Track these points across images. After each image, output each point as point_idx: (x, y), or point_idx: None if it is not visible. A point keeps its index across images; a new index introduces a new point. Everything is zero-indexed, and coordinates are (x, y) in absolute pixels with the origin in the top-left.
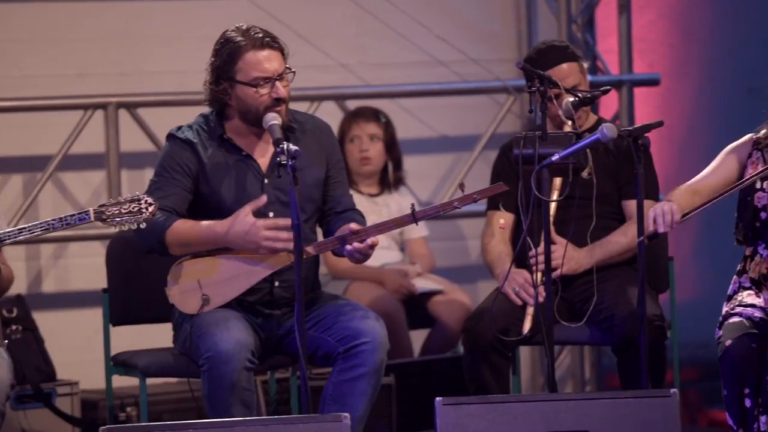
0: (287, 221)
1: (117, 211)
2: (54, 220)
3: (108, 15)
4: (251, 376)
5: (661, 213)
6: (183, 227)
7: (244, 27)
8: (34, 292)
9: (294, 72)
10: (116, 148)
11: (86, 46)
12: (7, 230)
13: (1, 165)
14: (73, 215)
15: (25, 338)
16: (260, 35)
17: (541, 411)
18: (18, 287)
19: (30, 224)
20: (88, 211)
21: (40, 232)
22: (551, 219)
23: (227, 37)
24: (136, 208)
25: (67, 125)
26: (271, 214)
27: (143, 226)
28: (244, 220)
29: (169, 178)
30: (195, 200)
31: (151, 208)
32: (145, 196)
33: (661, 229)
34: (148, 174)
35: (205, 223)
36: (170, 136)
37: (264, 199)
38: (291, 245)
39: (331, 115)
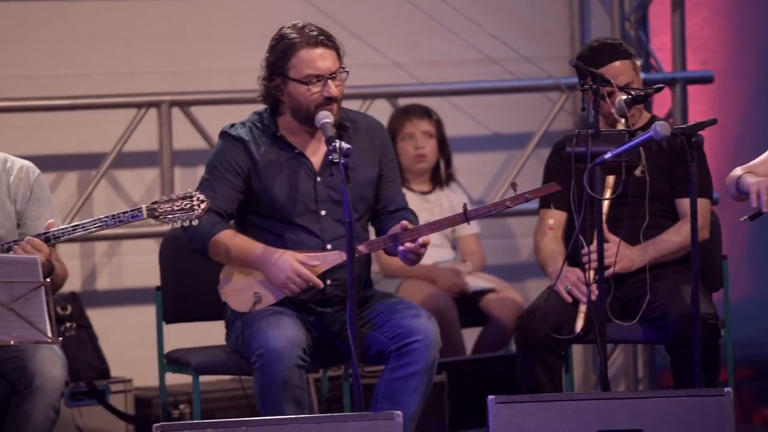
0: (319, 283)
1: (169, 208)
2: (107, 217)
3: (162, 13)
4: (303, 374)
5: (765, 190)
6: (226, 241)
7: (300, 24)
8: (88, 290)
9: (347, 72)
10: (169, 146)
11: (140, 45)
12: (61, 227)
13: (56, 162)
14: (126, 212)
15: (79, 335)
16: (315, 33)
17: (594, 409)
18: (72, 284)
19: (84, 221)
20: (141, 208)
21: (94, 229)
22: (604, 217)
23: (282, 33)
24: (188, 205)
25: (121, 123)
26: (323, 212)
27: (195, 223)
28: (289, 261)
29: (220, 177)
30: (247, 198)
31: (203, 205)
32: (197, 193)
33: (765, 208)
34: (201, 172)
35: (249, 245)
36: (223, 134)
37: (316, 262)
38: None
39: (383, 113)
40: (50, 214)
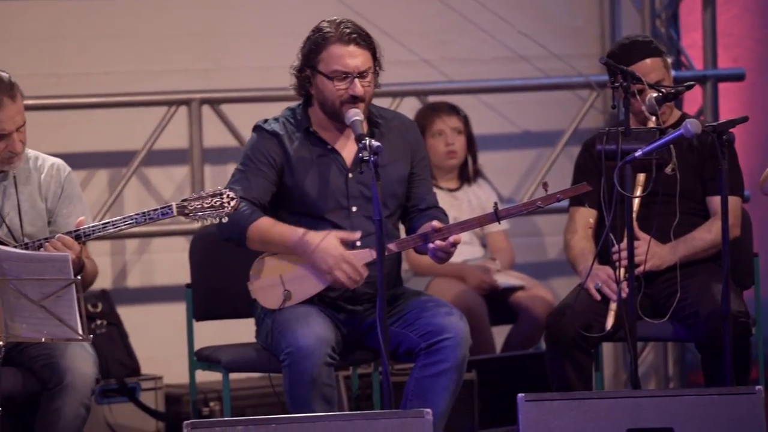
0: (365, 270)
1: (199, 206)
2: (137, 214)
3: (192, 11)
4: (332, 372)
5: None
6: (266, 226)
7: (338, 20)
8: (119, 287)
9: (378, 73)
10: (200, 143)
11: (170, 43)
12: (92, 225)
13: (87, 160)
14: (156, 210)
15: (109, 333)
16: (349, 30)
17: (624, 408)
18: (102, 282)
19: (114, 219)
20: (171, 205)
21: (124, 227)
22: (634, 215)
23: (319, 26)
24: (218, 203)
25: (152, 121)
26: (354, 209)
27: (225, 220)
28: (333, 244)
29: (254, 168)
30: (279, 192)
31: (233, 203)
32: (227, 190)
33: None
34: (232, 169)
35: (290, 230)
36: (257, 128)
37: (358, 234)
38: (356, 284)
39: (413, 111)
40: (81, 211)
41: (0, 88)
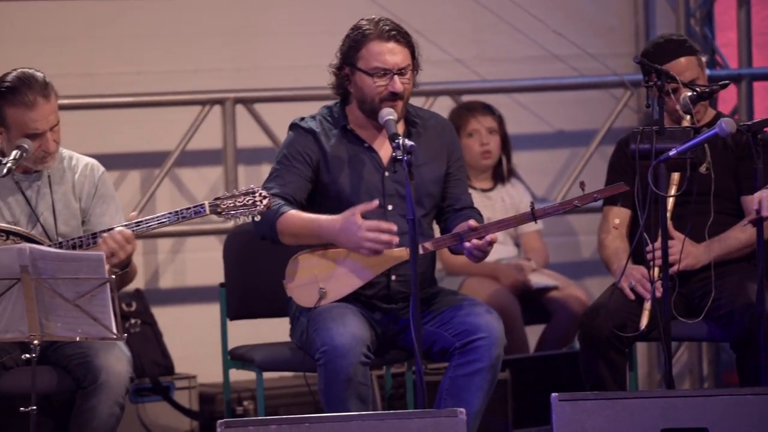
0: (390, 225)
1: (232, 204)
2: (170, 213)
3: (225, 10)
4: (367, 371)
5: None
6: (294, 218)
7: (376, 18)
8: (153, 287)
9: (416, 71)
10: (233, 143)
11: (204, 42)
12: (125, 223)
13: (120, 161)
14: (189, 209)
15: (143, 332)
16: (388, 28)
17: (659, 407)
18: (137, 282)
19: (146, 217)
20: (204, 204)
21: (156, 226)
22: (669, 214)
23: (358, 24)
24: (250, 201)
25: (185, 121)
26: (390, 207)
27: (258, 218)
28: (350, 220)
29: (290, 166)
30: (315, 189)
31: (265, 201)
32: (260, 189)
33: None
34: (265, 169)
35: (315, 217)
36: (293, 126)
37: (375, 202)
38: (391, 247)
39: (446, 111)
40: (114, 211)
41: (34, 88)
